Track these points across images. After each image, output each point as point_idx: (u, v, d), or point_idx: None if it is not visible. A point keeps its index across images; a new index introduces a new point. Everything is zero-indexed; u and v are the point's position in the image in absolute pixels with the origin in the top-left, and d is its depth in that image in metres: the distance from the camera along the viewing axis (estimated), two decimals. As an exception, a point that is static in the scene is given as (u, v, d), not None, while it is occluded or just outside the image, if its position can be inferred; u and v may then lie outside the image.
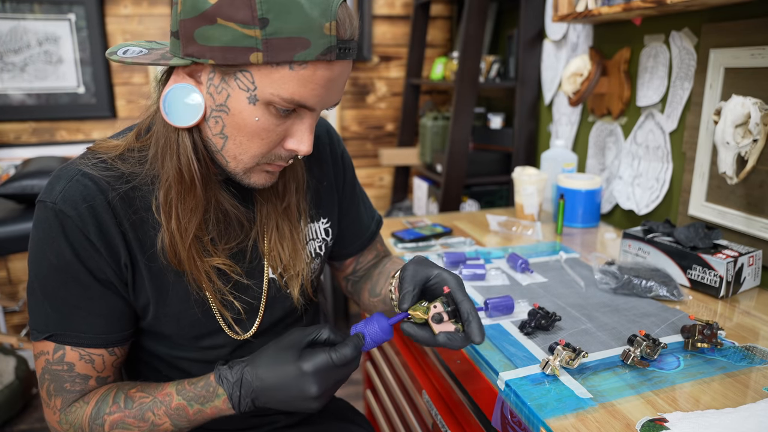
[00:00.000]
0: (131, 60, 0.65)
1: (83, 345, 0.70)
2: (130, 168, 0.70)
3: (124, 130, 0.76)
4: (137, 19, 2.22)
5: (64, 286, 0.68)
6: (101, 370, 0.73)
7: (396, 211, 2.46)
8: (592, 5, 1.34)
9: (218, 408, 0.70)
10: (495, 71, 2.06)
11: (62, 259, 0.67)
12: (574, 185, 1.45)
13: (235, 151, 0.66)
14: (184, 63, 0.62)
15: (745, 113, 1.02)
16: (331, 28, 0.59)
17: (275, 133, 0.65)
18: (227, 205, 0.73)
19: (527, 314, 0.92)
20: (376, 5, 2.46)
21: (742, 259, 1.04)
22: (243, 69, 0.60)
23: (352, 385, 2.18)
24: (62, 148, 2.23)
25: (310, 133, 0.66)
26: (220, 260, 0.74)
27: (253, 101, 0.62)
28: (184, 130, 0.66)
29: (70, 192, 0.67)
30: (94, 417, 0.70)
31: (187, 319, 0.76)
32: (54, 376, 0.71)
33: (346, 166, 0.93)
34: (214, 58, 0.60)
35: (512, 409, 0.77)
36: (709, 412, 0.70)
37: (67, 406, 0.72)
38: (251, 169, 0.68)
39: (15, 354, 2.10)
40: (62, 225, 0.66)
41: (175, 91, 0.64)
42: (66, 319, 0.69)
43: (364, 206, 0.97)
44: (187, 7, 0.60)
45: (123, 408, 0.70)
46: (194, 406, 0.70)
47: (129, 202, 0.70)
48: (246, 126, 0.64)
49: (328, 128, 0.92)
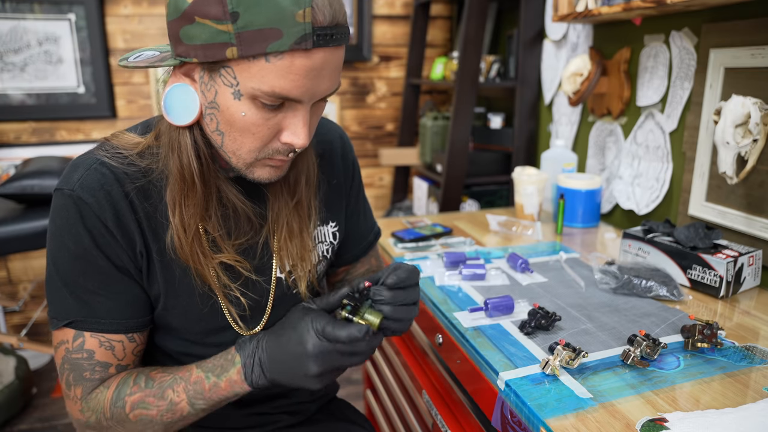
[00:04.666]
0: (133, 64, 0.68)
1: (103, 331, 0.71)
2: (146, 164, 0.72)
3: (141, 124, 0.78)
4: (137, 19, 2.22)
5: (82, 272, 0.69)
6: (121, 358, 0.73)
7: (396, 211, 2.46)
8: (592, 5, 1.34)
9: (232, 381, 0.70)
10: (495, 71, 2.06)
11: (80, 246, 0.68)
12: (574, 185, 1.45)
13: (232, 146, 0.67)
14: (175, 63, 0.64)
15: (745, 113, 1.02)
16: (305, 16, 0.58)
17: (266, 127, 0.65)
18: (236, 201, 0.73)
19: (527, 314, 0.92)
20: (376, 5, 2.46)
21: (742, 259, 1.04)
22: (224, 65, 0.61)
23: (352, 385, 2.18)
24: (62, 148, 2.23)
25: (304, 126, 0.66)
26: (228, 256, 0.74)
27: (238, 96, 0.62)
28: (184, 128, 0.68)
29: (87, 180, 0.68)
30: (114, 400, 0.70)
31: (195, 314, 0.76)
32: (74, 365, 0.71)
33: (354, 173, 0.93)
34: (197, 57, 0.61)
35: (512, 409, 0.77)
36: (709, 412, 0.70)
37: (87, 394, 0.72)
38: (252, 164, 0.69)
39: (15, 354, 2.10)
40: (80, 212, 0.67)
41: (172, 90, 0.66)
42: (85, 306, 0.70)
43: (364, 216, 0.97)
44: (171, 9, 0.62)
45: (144, 388, 0.70)
46: (211, 379, 0.70)
47: (145, 194, 0.71)
48: (235, 122, 0.64)
49: (341, 134, 0.92)
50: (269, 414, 0.90)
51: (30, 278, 2.33)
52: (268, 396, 0.89)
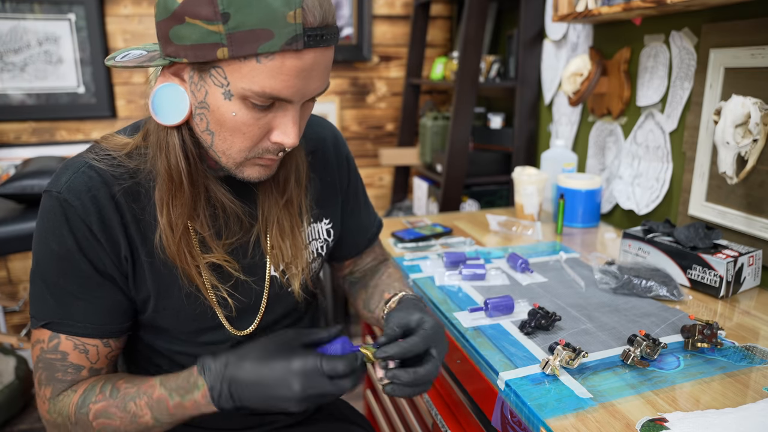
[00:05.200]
0: (122, 64, 0.68)
1: (78, 334, 0.71)
2: (135, 164, 0.72)
3: (130, 126, 0.78)
4: (137, 19, 2.22)
5: (63, 274, 0.69)
6: (95, 361, 0.73)
7: (396, 211, 2.46)
8: (592, 5, 1.34)
9: (197, 402, 0.66)
10: (495, 71, 2.06)
11: (63, 248, 0.68)
12: (574, 185, 1.45)
13: (222, 146, 0.67)
14: (164, 63, 0.64)
15: (745, 113, 1.02)
16: (295, 17, 0.58)
17: (257, 126, 0.65)
18: (224, 200, 0.73)
19: (527, 314, 0.92)
20: (376, 5, 2.46)
21: (742, 259, 1.04)
22: (215, 65, 0.61)
23: (352, 385, 2.18)
24: (62, 148, 2.23)
25: (294, 125, 0.66)
26: (218, 256, 0.74)
27: (228, 96, 0.63)
28: (173, 128, 0.68)
29: (75, 182, 0.68)
30: (80, 405, 0.70)
31: (186, 315, 0.76)
32: (47, 365, 0.71)
33: (350, 169, 0.93)
34: (187, 57, 0.61)
35: (512, 409, 0.77)
36: (709, 412, 0.70)
37: (56, 395, 0.71)
38: (242, 163, 0.69)
39: (15, 354, 2.10)
40: (65, 214, 0.68)
41: (161, 90, 0.66)
42: (63, 308, 0.70)
43: (366, 210, 0.98)
44: (160, 9, 0.62)
45: (108, 397, 0.69)
46: (174, 399, 0.67)
47: (133, 196, 0.71)
48: (225, 122, 0.64)
49: (333, 131, 0.92)
50: (267, 414, 0.89)
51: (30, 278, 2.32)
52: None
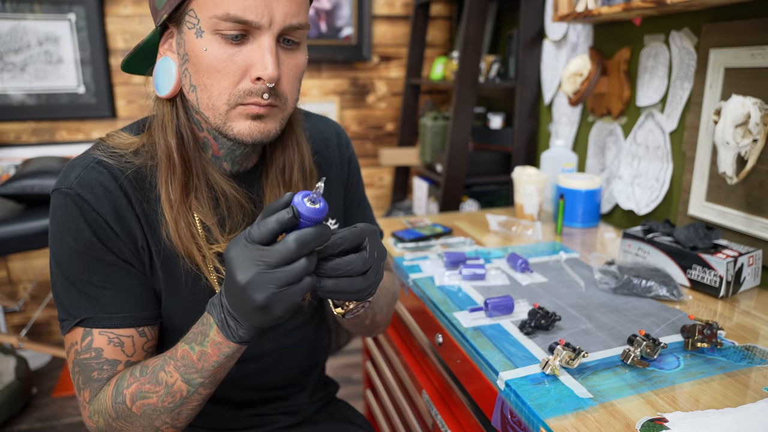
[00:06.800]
0: (127, 58, 0.74)
1: (111, 326, 0.69)
2: (141, 161, 0.73)
3: (134, 123, 0.78)
4: (137, 19, 2.22)
5: (86, 268, 0.69)
6: (131, 354, 0.71)
7: (396, 210, 2.46)
8: (592, 5, 1.34)
9: (216, 344, 0.62)
10: (495, 71, 2.06)
11: (82, 241, 0.68)
12: (574, 185, 1.45)
13: (206, 99, 0.68)
14: (154, 34, 0.70)
15: (745, 113, 1.02)
16: None
17: (232, 63, 0.65)
18: (225, 186, 0.74)
19: (527, 314, 0.92)
20: (376, 5, 2.46)
21: (742, 259, 1.04)
22: (187, 11, 0.65)
23: (352, 385, 2.18)
24: (62, 148, 2.23)
25: (270, 54, 0.65)
26: (224, 246, 0.74)
27: (200, 34, 0.65)
28: (169, 102, 0.72)
29: (85, 177, 0.69)
30: (114, 396, 0.68)
31: (196, 312, 0.75)
32: (83, 367, 0.69)
33: (352, 170, 0.93)
34: (165, 11, 0.66)
35: (512, 409, 0.77)
36: (709, 412, 0.70)
37: (94, 397, 0.69)
38: (228, 114, 0.68)
39: (15, 354, 2.10)
40: (80, 208, 0.68)
41: (157, 66, 0.71)
42: (92, 302, 0.69)
43: (365, 216, 0.96)
44: None
45: (139, 377, 0.67)
46: (195, 349, 0.64)
47: (141, 191, 0.72)
48: (200, 62, 0.66)
49: (338, 130, 0.92)
50: (269, 415, 0.90)
51: (30, 278, 2.33)
52: (267, 398, 0.89)
